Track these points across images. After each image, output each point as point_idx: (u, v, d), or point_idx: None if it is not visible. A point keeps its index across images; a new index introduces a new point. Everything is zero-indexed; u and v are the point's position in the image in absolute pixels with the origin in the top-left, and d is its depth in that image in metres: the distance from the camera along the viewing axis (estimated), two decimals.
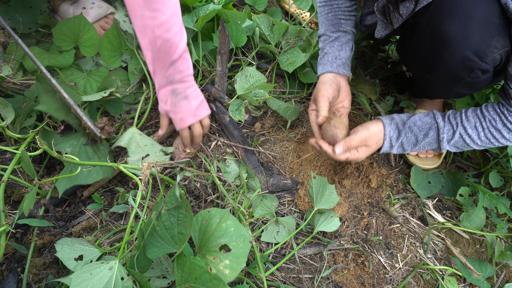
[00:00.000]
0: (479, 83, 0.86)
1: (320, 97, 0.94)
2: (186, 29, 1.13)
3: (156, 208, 0.69)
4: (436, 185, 1.11)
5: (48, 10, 1.14)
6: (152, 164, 0.72)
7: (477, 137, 0.86)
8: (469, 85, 0.88)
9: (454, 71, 0.83)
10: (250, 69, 1.07)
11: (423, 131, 0.91)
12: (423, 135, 0.91)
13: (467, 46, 0.77)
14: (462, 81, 0.86)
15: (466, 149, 0.91)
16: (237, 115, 1.08)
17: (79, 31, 1.03)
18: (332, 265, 0.94)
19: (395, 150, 0.95)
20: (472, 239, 1.07)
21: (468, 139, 0.87)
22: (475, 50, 0.77)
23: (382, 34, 0.93)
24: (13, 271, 0.79)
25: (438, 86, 0.96)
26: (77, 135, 0.93)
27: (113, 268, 0.65)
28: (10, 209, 0.86)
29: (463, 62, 0.79)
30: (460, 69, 0.82)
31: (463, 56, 0.78)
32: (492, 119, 0.84)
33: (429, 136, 0.91)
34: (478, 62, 0.78)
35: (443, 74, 0.86)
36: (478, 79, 0.83)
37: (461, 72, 0.82)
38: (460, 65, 0.80)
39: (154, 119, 1.11)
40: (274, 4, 1.64)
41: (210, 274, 0.59)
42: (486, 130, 0.85)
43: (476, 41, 0.76)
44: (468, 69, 0.81)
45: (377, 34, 0.94)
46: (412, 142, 0.92)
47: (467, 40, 0.76)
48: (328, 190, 0.96)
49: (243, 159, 1.03)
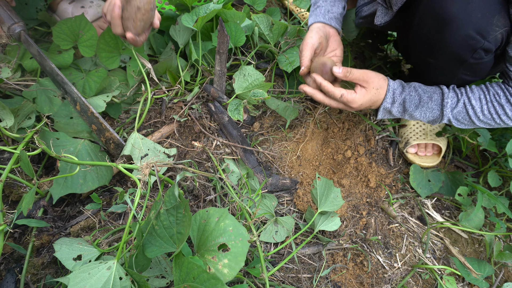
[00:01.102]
0: (482, 66, 0.86)
1: (304, 45, 0.90)
2: (186, 28, 1.13)
3: (155, 208, 0.69)
4: (436, 183, 1.11)
5: (45, 8, 1.13)
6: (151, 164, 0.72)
7: (480, 110, 0.86)
8: (472, 69, 0.87)
9: (457, 51, 0.82)
10: (248, 68, 1.07)
11: (427, 93, 0.90)
12: (427, 97, 0.90)
13: (469, 24, 0.76)
14: (465, 62, 0.84)
15: (466, 124, 0.90)
16: (236, 115, 1.08)
17: (79, 31, 1.03)
18: (331, 264, 0.94)
19: (396, 109, 0.92)
20: (470, 239, 1.07)
21: (471, 111, 0.87)
22: (477, 28, 0.76)
23: (381, 20, 0.92)
24: (11, 271, 0.79)
25: (441, 71, 0.94)
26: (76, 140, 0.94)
27: (111, 268, 0.65)
28: (8, 209, 0.86)
29: (466, 40, 0.79)
30: (463, 49, 0.81)
31: (466, 35, 0.78)
32: (496, 93, 0.86)
33: (433, 100, 0.89)
34: (481, 41, 0.78)
35: (446, 56, 0.85)
36: (481, 60, 0.83)
37: (464, 52, 0.82)
38: (463, 44, 0.80)
39: (153, 118, 1.10)
40: (273, 4, 1.64)
41: (208, 273, 0.59)
42: (489, 103, 0.86)
43: (478, 18, 0.75)
44: (471, 49, 0.80)
45: (376, 20, 0.93)
46: (415, 102, 0.90)
47: (469, 18, 0.76)
48: (334, 193, 0.97)
49: (242, 159, 1.03)
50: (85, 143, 0.93)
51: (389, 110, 0.93)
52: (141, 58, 1.04)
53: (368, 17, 1.06)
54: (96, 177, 0.90)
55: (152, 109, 1.13)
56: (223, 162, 1.03)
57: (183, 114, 1.10)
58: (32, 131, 0.87)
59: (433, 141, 1.14)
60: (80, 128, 0.99)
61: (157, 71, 1.13)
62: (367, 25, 1.12)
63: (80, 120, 1.00)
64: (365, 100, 0.89)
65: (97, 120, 0.95)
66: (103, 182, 0.91)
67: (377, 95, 0.90)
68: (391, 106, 0.92)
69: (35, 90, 0.99)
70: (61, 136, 0.92)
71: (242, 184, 1.01)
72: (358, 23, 1.14)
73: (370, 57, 1.40)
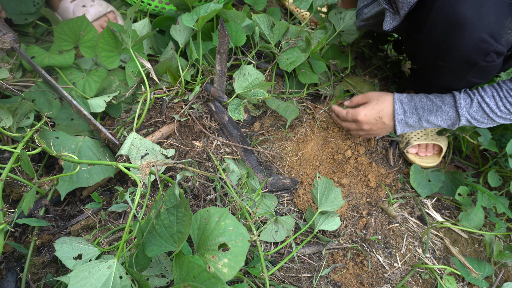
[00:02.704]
0: (492, 68, 0.85)
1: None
2: (186, 28, 1.13)
3: (155, 207, 0.69)
4: (436, 183, 1.11)
5: (42, 3, 1.13)
6: (152, 163, 0.72)
7: (496, 106, 0.86)
8: (482, 71, 0.86)
9: (469, 54, 0.81)
10: (248, 68, 1.07)
11: (439, 97, 0.91)
12: (439, 101, 0.90)
13: (483, 28, 0.75)
14: (476, 66, 0.83)
15: (486, 122, 0.90)
16: (236, 114, 1.08)
17: (81, 31, 1.03)
18: (331, 264, 0.94)
19: (411, 119, 0.92)
20: (470, 239, 1.07)
21: (487, 108, 0.87)
22: (490, 31, 0.76)
23: (390, 26, 0.91)
24: (11, 270, 0.79)
25: (450, 74, 0.92)
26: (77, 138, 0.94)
27: (111, 267, 0.65)
28: (8, 208, 0.86)
29: (478, 44, 0.78)
30: (475, 52, 0.80)
31: (479, 38, 0.77)
32: (509, 88, 0.85)
33: (445, 103, 0.90)
34: (494, 44, 0.77)
35: (457, 59, 0.84)
36: (492, 63, 0.82)
37: (476, 56, 0.81)
38: (475, 47, 0.79)
39: (153, 118, 1.10)
40: (273, 4, 1.64)
41: (209, 272, 0.59)
42: (504, 99, 0.85)
43: (491, 22, 0.75)
44: (483, 52, 0.79)
45: (385, 26, 0.92)
46: (428, 107, 0.91)
47: (482, 21, 0.75)
48: (334, 193, 0.97)
49: (242, 159, 1.03)
50: (86, 139, 0.93)
51: (405, 122, 0.94)
52: (140, 58, 1.04)
53: (370, 19, 1.05)
54: (100, 169, 0.90)
55: (153, 109, 1.13)
56: (223, 162, 1.03)
57: (184, 113, 1.10)
58: (32, 130, 0.87)
59: (434, 141, 1.14)
60: (82, 128, 1.00)
61: (158, 71, 1.13)
62: (369, 27, 1.11)
63: (81, 121, 1.00)
64: (367, 110, 0.94)
65: (90, 121, 0.96)
66: (108, 174, 0.90)
67: (380, 103, 0.93)
68: (404, 117, 0.93)
69: (34, 91, 0.99)
70: (61, 135, 0.92)
71: (242, 183, 1.01)
72: (359, 26, 1.13)
73: (370, 57, 1.40)
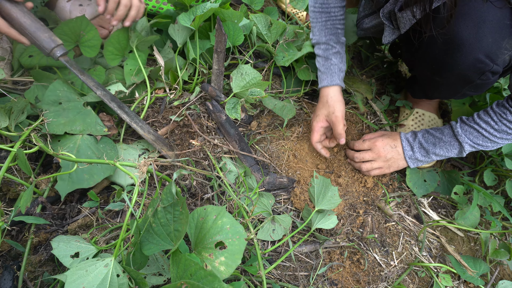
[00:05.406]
0: (487, 85, 0.88)
1: (340, 120, 1.01)
2: (184, 27, 1.14)
3: (153, 205, 0.70)
4: (431, 183, 1.11)
5: (41, 6, 1.13)
6: (149, 162, 0.72)
7: (493, 129, 0.89)
8: (477, 87, 0.89)
9: (465, 73, 0.84)
10: (246, 67, 1.08)
11: (437, 131, 0.97)
12: (439, 133, 0.96)
13: (480, 49, 0.77)
14: (472, 83, 0.87)
15: (490, 145, 0.92)
16: (234, 114, 1.08)
17: (81, 31, 1.03)
18: (328, 262, 0.95)
19: (419, 154, 0.99)
20: (466, 237, 1.08)
21: (485, 132, 0.90)
22: (487, 52, 0.77)
23: (389, 39, 0.93)
24: (8, 268, 0.79)
25: (446, 88, 0.96)
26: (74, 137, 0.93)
27: (108, 265, 0.65)
28: (5, 207, 0.86)
29: (475, 64, 0.80)
30: (471, 71, 0.82)
31: (476, 59, 0.79)
32: (502, 112, 0.87)
33: (444, 134, 0.95)
34: (490, 64, 0.79)
35: (454, 76, 0.87)
36: (487, 80, 0.84)
37: (472, 75, 0.83)
38: (472, 67, 0.81)
39: (151, 117, 1.11)
40: (270, 4, 1.65)
41: (205, 270, 0.59)
42: (499, 123, 0.88)
43: (488, 43, 0.76)
44: (479, 72, 0.82)
45: (384, 40, 0.95)
46: (431, 141, 0.97)
47: (480, 42, 0.76)
48: (331, 192, 0.97)
49: (240, 158, 1.03)
50: (85, 137, 0.93)
51: (415, 158, 1.00)
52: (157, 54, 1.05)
53: (371, 29, 1.07)
54: (101, 169, 0.90)
55: (150, 108, 1.13)
56: (220, 161, 1.03)
57: (181, 113, 1.10)
58: (29, 129, 0.87)
59: None
60: (72, 115, 0.94)
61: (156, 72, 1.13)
62: (369, 35, 1.13)
63: (71, 105, 0.95)
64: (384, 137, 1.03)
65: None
66: (108, 173, 0.90)
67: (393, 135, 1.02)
68: (413, 153, 0.99)
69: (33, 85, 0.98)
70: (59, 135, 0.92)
71: (240, 182, 1.01)
72: (360, 34, 1.14)
73: (367, 57, 1.41)
